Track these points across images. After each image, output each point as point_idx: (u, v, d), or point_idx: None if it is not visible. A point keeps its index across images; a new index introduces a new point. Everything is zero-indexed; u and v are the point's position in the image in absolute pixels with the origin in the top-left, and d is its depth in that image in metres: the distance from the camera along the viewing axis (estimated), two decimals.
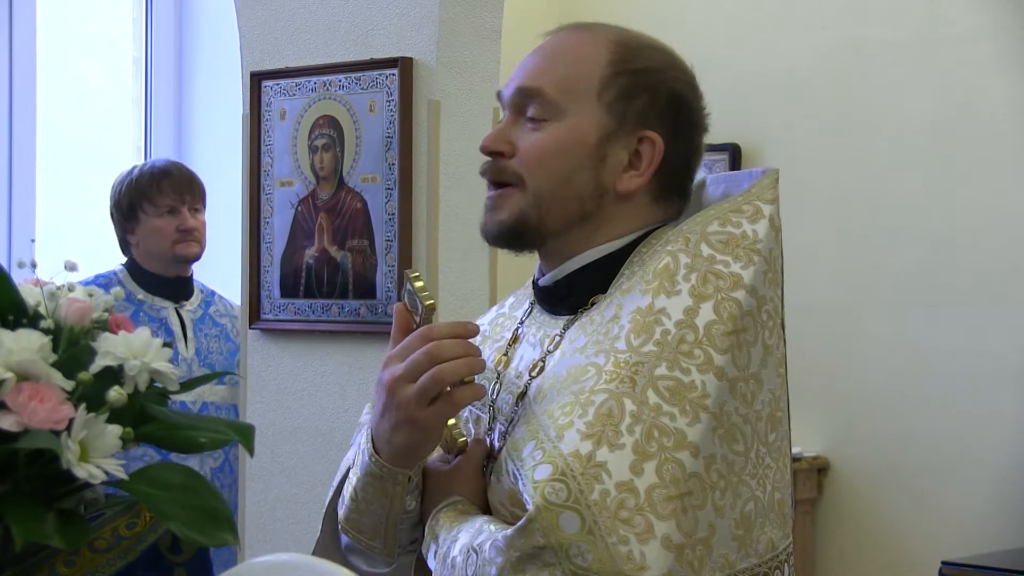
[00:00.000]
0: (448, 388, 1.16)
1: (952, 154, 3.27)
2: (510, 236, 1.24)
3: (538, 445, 1.13)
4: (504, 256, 2.79)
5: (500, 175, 1.24)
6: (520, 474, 1.13)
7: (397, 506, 1.21)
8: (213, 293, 2.92)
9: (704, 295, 1.17)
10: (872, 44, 3.36)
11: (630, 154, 1.23)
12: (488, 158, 1.25)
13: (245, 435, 1.27)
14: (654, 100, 1.23)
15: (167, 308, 2.77)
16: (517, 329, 1.30)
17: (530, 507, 1.09)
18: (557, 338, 1.23)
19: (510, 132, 1.24)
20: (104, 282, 2.73)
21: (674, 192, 1.26)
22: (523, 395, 1.22)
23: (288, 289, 2.70)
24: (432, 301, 1.19)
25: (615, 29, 1.27)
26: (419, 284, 1.20)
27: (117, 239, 2.81)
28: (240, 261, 2.80)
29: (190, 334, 2.78)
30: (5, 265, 1.22)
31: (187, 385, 1.27)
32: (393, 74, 2.55)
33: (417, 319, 1.20)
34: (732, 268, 1.19)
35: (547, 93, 1.22)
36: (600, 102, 1.22)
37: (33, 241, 3.33)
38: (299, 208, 2.68)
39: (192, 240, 2.74)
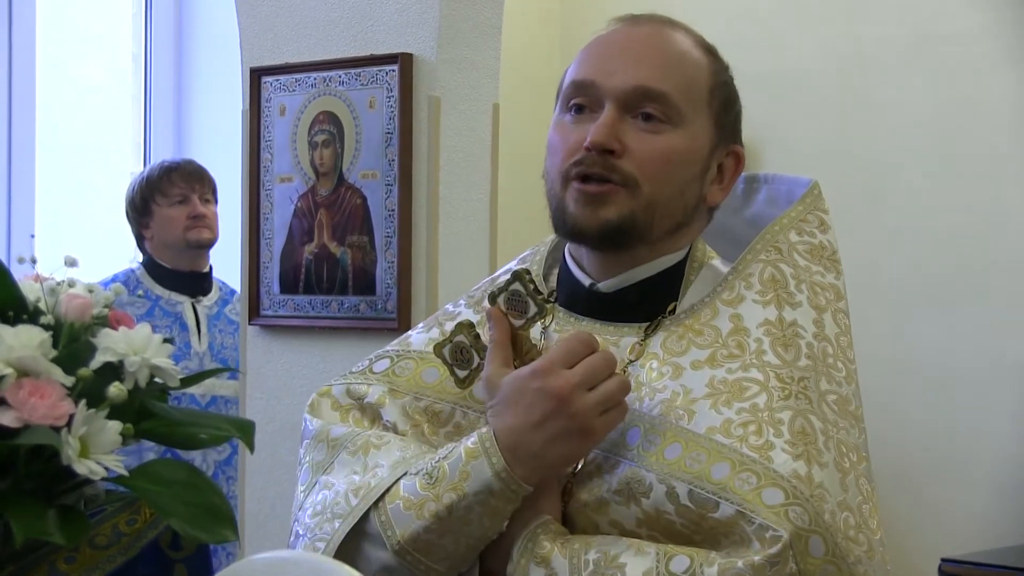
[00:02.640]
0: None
1: (953, 151, 3.26)
2: (613, 235, 1.19)
3: (741, 467, 1.09)
4: (504, 252, 2.78)
5: (610, 173, 1.18)
6: (727, 498, 1.08)
7: (497, 526, 1.13)
8: (233, 292, 2.96)
9: (820, 307, 1.19)
10: (873, 41, 3.35)
11: (717, 166, 1.23)
12: (591, 153, 1.18)
13: (245, 432, 1.27)
14: (738, 113, 1.26)
15: (183, 303, 2.83)
16: (542, 334, 1.24)
17: (781, 534, 1.05)
18: (637, 347, 1.20)
19: (618, 129, 1.19)
20: (123, 279, 2.77)
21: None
22: None
23: (288, 285, 2.70)
24: (552, 304, 1.17)
25: (690, 28, 1.27)
26: (533, 286, 1.16)
27: (134, 238, 2.88)
28: (240, 257, 2.80)
29: (203, 328, 2.81)
30: (5, 261, 1.21)
31: (189, 380, 1.27)
32: (393, 70, 2.55)
33: (518, 323, 1.16)
34: (827, 279, 1.21)
35: (672, 98, 1.19)
36: (709, 112, 1.22)
37: (33, 236, 3.34)
38: (299, 204, 2.68)
39: (203, 226, 2.82)
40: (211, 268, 2.92)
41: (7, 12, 3.47)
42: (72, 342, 1.15)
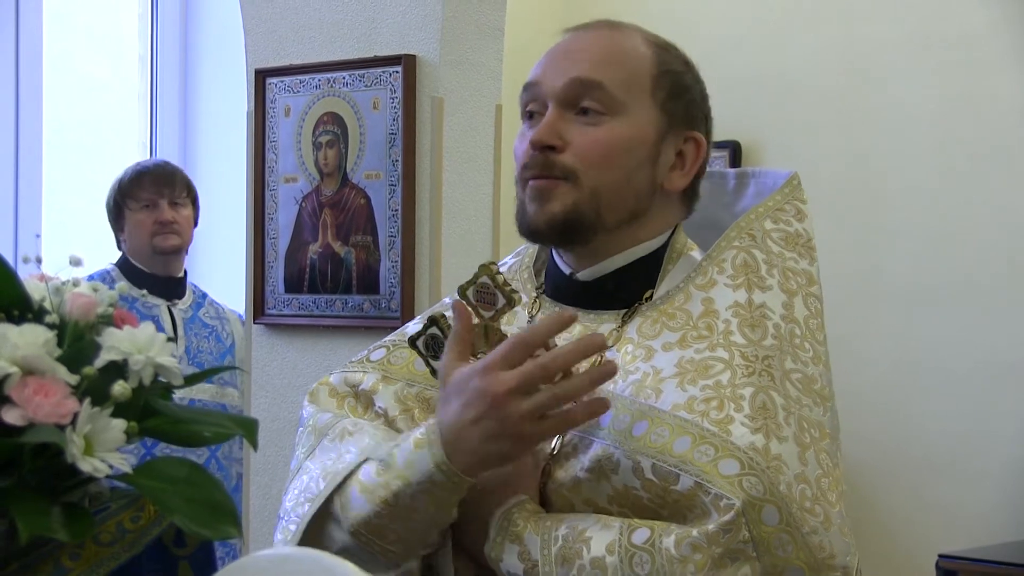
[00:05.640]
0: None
1: (951, 152, 3.28)
2: (562, 229, 1.22)
3: (701, 440, 1.11)
4: (506, 251, 2.81)
5: (550, 169, 1.22)
6: (686, 470, 1.10)
7: (444, 515, 1.17)
8: (205, 296, 2.96)
9: (791, 291, 1.21)
10: (872, 42, 3.36)
11: (675, 153, 1.25)
12: (535, 152, 1.23)
13: (249, 429, 1.28)
14: (693, 100, 1.27)
15: (159, 306, 2.82)
16: (528, 323, 1.29)
17: (734, 502, 1.08)
18: (615, 333, 1.23)
19: (559, 126, 1.23)
20: (99, 279, 2.76)
21: (696, 191, 1.29)
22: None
23: (292, 284, 2.72)
24: (519, 295, 1.19)
25: (642, 29, 1.30)
26: (502, 278, 1.18)
27: (114, 239, 2.88)
28: (245, 257, 2.81)
29: (180, 332, 2.82)
30: (12, 260, 1.22)
31: (191, 379, 1.28)
32: (396, 71, 2.56)
33: (487, 314, 1.19)
34: (801, 265, 1.23)
35: (608, 87, 1.22)
36: (654, 100, 1.24)
37: (38, 236, 3.36)
38: (303, 204, 2.70)
39: (170, 232, 2.79)
40: (185, 272, 2.92)
41: (14, 11, 3.49)
42: (77, 341, 1.15)
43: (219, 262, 3.61)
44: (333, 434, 1.27)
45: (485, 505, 1.18)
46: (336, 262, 2.65)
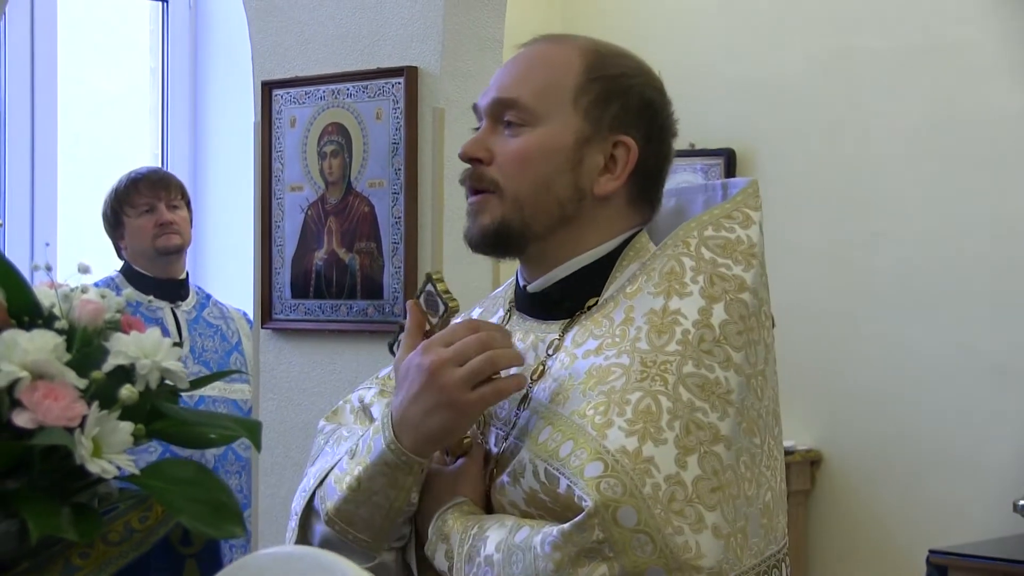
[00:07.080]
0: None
1: (939, 159, 3.31)
2: (494, 241, 1.26)
3: (579, 444, 1.13)
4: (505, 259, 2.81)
5: (479, 182, 1.26)
6: (563, 473, 1.13)
7: (403, 498, 1.22)
8: (209, 297, 3.00)
9: (714, 296, 1.20)
10: (864, 52, 3.40)
11: (606, 158, 1.25)
12: (468, 165, 1.27)
13: (253, 431, 1.30)
14: (627, 105, 1.26)
15: (163, 308, 2.86)
16: None
17: (588, 503, 1.10)
18: (555, 342, 1.25)
19: (488, 140, 1.26)
20: (104, 286, 2.81)
21: (647, 195, 1.29)
22: (526, 399, 1.23)
23: (299, 290, 2.76)
24: (456, 303, 1.23)
25: (586, 39, 1.30)
26: (443, 285, 1.23)
27: (113, 248, 2.92)
28: (252, 263, 2.86)
29: (185, 333, 2.86)
30: (28, 268, 1.26)
31: (198, 383, 1.32)
32: (399, 83, 2.60)
33: (435, 320, 1.23)
34: (734, 271, 1.22)
35: (523, 101, 1.24)
36: (576, 108, 1.25)
37: (48, 245, 3.41)
38: (309, 212, 2.74)
39: (171, 233, 2.84)
40: (187, 274, 2.97)
41: (29, 27, 3.55)
42: (85, 346, 1.17)
43: (227, 268, 3.66)
44: (332, 440, 1.34)
45: (434, 507, 1.23)
46: (341, 268, 2.70)
